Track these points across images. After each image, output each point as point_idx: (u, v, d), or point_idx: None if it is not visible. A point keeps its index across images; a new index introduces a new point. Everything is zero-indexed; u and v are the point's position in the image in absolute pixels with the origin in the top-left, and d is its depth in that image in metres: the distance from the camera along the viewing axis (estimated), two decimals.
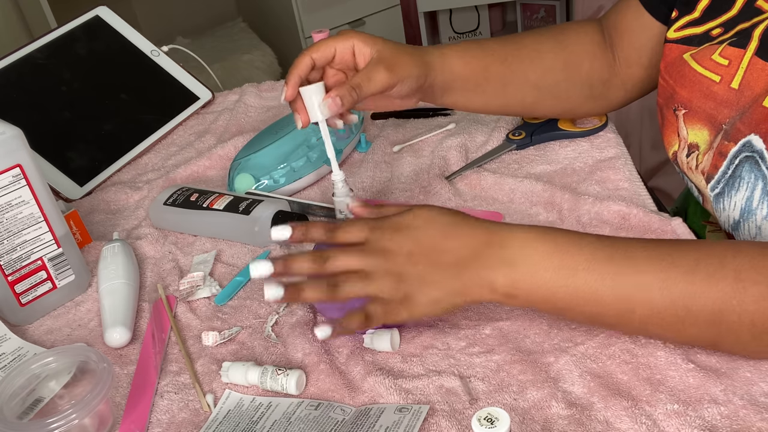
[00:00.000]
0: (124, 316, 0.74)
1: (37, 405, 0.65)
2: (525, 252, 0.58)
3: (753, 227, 0.65)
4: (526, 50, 0.84)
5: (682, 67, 0.71)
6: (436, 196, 0.87)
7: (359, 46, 0.74)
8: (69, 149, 1.08)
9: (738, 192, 0.66)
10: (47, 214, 0.77)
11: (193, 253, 0.86)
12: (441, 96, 0.82)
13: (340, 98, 0.70)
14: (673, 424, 0.54)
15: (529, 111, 0.89)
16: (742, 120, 0.64)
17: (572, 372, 0.59)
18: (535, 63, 0.83)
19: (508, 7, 3.11)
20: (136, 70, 1.20)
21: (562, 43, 0.85)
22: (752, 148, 0.64)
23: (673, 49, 0.73)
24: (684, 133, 0.72)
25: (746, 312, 0.53)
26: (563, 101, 0.86)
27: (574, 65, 0.84)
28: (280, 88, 1.25)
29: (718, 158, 0.67)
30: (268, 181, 0.91)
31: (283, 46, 2.83)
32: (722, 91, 0.67)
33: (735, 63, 0.66)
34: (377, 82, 0.72)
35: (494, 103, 0.85)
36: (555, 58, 0.84)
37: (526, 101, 0.85)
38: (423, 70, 0.77)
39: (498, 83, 0.82)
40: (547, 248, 0.58)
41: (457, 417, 0.57)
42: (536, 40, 0.85)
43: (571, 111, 0.89)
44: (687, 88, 0.71)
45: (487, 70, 0.82)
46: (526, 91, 0.84)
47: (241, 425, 0.61)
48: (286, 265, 0.62)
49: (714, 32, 0.70)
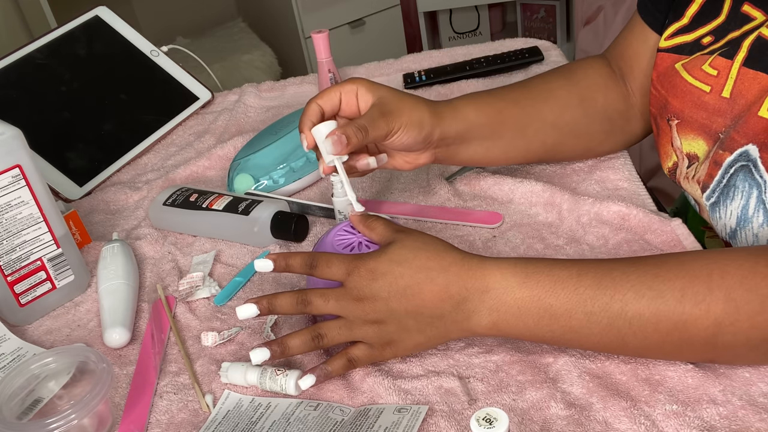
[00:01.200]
0: (124, 316, 0.74)
1: (37, 405, 0.65)
2: (507, 300, 0.58)
3: (750, 235, 0.65)
4: (536, 90, 0.81)
5: (673, 78, 0.71)
6: (436, 196, 0.87)
7: (362, 92, 0.72)
8: (68, 149, 1.08)
9: (733, 201, 0.66)
10: (47, 214, 0.77)
11: (192, 253, 0.86)
12: (458, 150, 0.78)
13: (345, 137, 0.67)
14: (672, 424, 0.54)
15: (552, 154, 0.84)
16: (736, 129, 0.64)
17: (571, 372, 0.59)
18: (549, 102, 0.80)
19: (508, 7, 3.11)
20: (135, 70, 1.20)
21: (572, 80, 0.83)
22: (748, 157, 0.63)
23: (665, 58, 0.72)
24: (678, 144, 0.72)
25: (741, 330, 0.53)
26: (585, 139, 0.83)
27: (589, 99, 0.81)
28: (281, 88, 1.25)
29: (713, 167, 0.67)
30: (267, 181, 0.91)
31: (283, 46, 2.83)
32: (713, 101, 0.67)
33: (724, 73, 0.66)
34: (379, 128, 0.69)
35: (515, 149, 0.80)
36: (568, 94, 0.81)
37: (547, 143, 0.81)
38: (429, 119, 0.73)
39: (515, 127, 0.79)
40: (531, 294, 0.57)
41: (456, 417, 0.58)
42: (545, 80, 0.83)
43: (593, 150, 0.85)
44: (679, 98, 0.70)
45: (502, 113, 0.78)
46: (546, 131, 0.81)
47: (240, 426, 0.61)
48: (271, 306, 0.63)
49: (704, 41, 0.69)
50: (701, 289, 0.54)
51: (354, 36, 2.73)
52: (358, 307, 0.60)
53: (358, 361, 0.62)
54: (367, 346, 0.62)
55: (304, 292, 0.62)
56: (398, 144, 0.72)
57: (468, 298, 0.58)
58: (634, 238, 0.74)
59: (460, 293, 0.58)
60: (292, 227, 0.82)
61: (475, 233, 0.80)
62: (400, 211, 0.85)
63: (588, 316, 0.56)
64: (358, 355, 0.62)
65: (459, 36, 3.07)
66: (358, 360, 0.62)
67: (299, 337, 0.62)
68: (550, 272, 0.58)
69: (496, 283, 0.58)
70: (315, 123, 0.70)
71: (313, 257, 0.63)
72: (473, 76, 1.14)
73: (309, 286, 0.70)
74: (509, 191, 0.84)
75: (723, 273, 0.54)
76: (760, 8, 0.65)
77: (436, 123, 0.74)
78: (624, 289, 0.55)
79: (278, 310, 0.63)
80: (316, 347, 0.62)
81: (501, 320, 0.58)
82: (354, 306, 0.60)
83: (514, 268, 0.58)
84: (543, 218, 0.80)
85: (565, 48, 2.82)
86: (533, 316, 0.57)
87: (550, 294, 0.57)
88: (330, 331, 0.61)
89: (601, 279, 0.56)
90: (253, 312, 0.63)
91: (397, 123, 0.70)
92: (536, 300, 0.57)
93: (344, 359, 0.62)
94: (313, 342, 0.62)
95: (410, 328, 0.60)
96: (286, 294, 0.62)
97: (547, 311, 0.57)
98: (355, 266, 0.60)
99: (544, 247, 0.76)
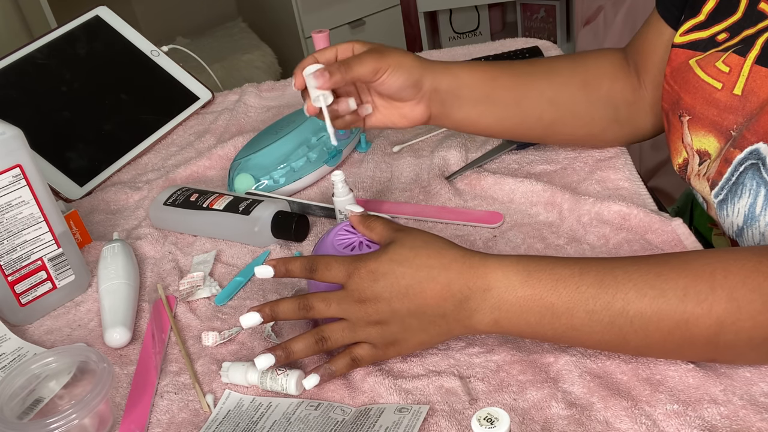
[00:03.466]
0: (124, 316, 0.74)
1: (37, 405, 0.65)
2: (509, 299, 0.58)
3: (757, 234, 0.65)
4: (539, 66, 0.82)
5: (686, 73, 0.71)
6: (436, 196, 0.87)
7: (357, 47, 0.76)
8: (69, 149, 1.08)
9: (741, 199, 0.66)
10: (47, 214, 0.77)
11: (193, 253, 0.86)
12: (451, 108, 0.79)
13: (328, 71, 0.71)
14: (673, 424, 0.54)
15: (551, 132, 0.83)
16: (749, 128, 0.64)
17: (572, 372, 0.59)
18: (549, 77, 0.81)
19: (508, 7, 3.11)
20: (136, 70, 1.20)
21: (579, 63, 0.83)
22: (758, 155, 0.63)
23: (679, 54, 0.72)
24: (688, 140, 0.72)
25: (743, 329, 0.53)
26: (586, 123, 0.83)
27: (592, 84, 0.81)
28: (282, 88, 1.25)
29: (723, 165, 0.67)
30: (268, 181, 0.91)
31: (283, 46, 2.83)
32: (725, 98, 0.67)
33: (735, 70, 0.66)
34: (366, 64, 0.73)
35: (510, 119, 0.81)
36: (571, 74, 0.81)
37: (544, 118, 0.81)
38: (418, 67, 0.76)
39: (509, 96, 0.80)
40: (533, 292, 0.57)
41: (457, 417, 0.57)
42: (550, 60, 0.83)
43: (596, 136, 0.85)
44: (691, 95, 0.70)
45: (496, 80, 0.79)
46: (543, 106, 0.81)
47: (240, 425, 0.61)
48: (273, 313, 0.63)
49: (719, 37, 0.69)
50: (703, 288, 0.54)
51: (354, 36, 2.73)
52: (361, 309, 0.60)
53: (362, 361, 0.62)
54: (370, 346, 0.62)
55: (305, 297, 0.62)
56: (387, 87, 0.75)
57: (470, 296, 0.58)
58: (635, 238, 0.74)
59: (462, 291, 0.58)
60: (293, 227, 0.82)
61: (475, 233, 0.80)
62: (401, 211, 0.85)
63: (590, 314, 0.56)
64: (362, 355, 0.62)
65: (459, 36, 3.07)
66: (361, 359, 0.62)
67: (303, 341, 0.62)
68: (551, 270, 0.58)
69: (498, 282, 0.58)
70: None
71: (312, 261, 0.63)
72: None
73: (310, 289, 0.70)
74: (510, 191, 0.84)
75: (725, 272, 0.54)
76: None
77: (427, 73, 0.77)
78: (626, 288, 0.55)
79: (280, 316, 0.63)
80: (319, 350, 0.62)
81: (503, 318, 0.58)
82: (356, 308, 0.60)
83: (515, 266, 0.58)
84: (543, 218, 0.80)
85: (565, 48, 2.81)
86: (535, 315, 0.57)
87: (552, 292, 0.57)
88: (333, 334, 0.61)
89: (603, 277, 0.56)
90: (257, 320, 0.63)
91: (384, 63, 0.74)
92: (538, 298, 0.57)
93: (348, 359, 0.62)
94: (317, 345, 0.62)
95: (413, 328, 0.60)
96: (288, 300, 0.62)
97: (549, 309, 0.57)
98: (356, 268, 0.60)
99: (544, 246, 0.76)
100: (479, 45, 1.25)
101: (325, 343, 0.61)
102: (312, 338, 0.62)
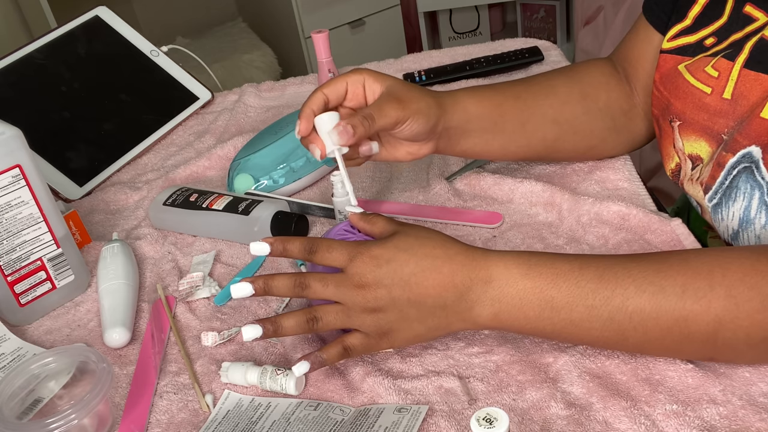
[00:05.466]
0: (124, 316, 0.74)
1: (37, 405, 0.65)
2: (509, 291, 0.58)
3: (752, 236, 0.65)
4: (537, 86, 0.81)
5: (676, 79, 0.71)
6: (436, 196, 0.87)
7: (369, 82, 0.72)
8: (69, 149, 1.08)
9: (735, 202, 0.66)
10: (47, 214, 0.77)
11: (192, 253, 0.86)
12: (458, 141, 0.78)
13: (351, 127, 0.67)
14: (672, 424, 0.54)
15: (553, 150, 0.83)
16: (740, 131, 0.64)
17: (571, 372, 0.59)
18: (550, 97, 0.80)
19: (508, 7, 3.11)
20: (135, 70, 1.20)
21: (574, 77, 0.83)
22: (751, 158, 0.63)
23: (668, 59, 0.72)
24: (680, 145, 0.72)
25: (741, 327, 0.53)
26: (586, 136, 0.83)
27: (591, 96, 0.81)
28: (281, 88, 1.25)
29: (716, 169, 0.67)
30: (267, 181, 0.91)
31: (283, 46, 2.83)
32: (715, 102, 0.67)
33: (724, 75, 0.66)
34: (388, 116, 0.69)
35: (514, 143, 0.80)
36: (570, 91, 0.81)
37: (547, 138, 0.81)
38: (435, 109, 0.73)
39: (515, 121, 0.79)
40: (533, 285, 0.57)
41: (456, 417, 0.58)
42: (546, 77, 0.83)
43: (595, 147, 0.85)
44: (681, 100, 0.70)
45: (502, 106, 0.78)
46: (546, 127, 0.81)
47: (240, 425, 0.61)
48: (267, 287, 0.61)
49: (707, 42, 0.69)
50: (702, 286, 0.54)
51: (354, 36, 2.74)
52: (359, 294, 0.59)
53: (354, 350, 0.61)
54: (363, 335, 0.61)
55: (302, 274, 0.61)
56: (407, 133, 0.72)
57: (471, 288, 0.58)
58: (634, 238, 0.74)
59: (465, 283, 0.58)
60: (292, 227, 0.82)
61: (475, 233, 0.80)
62: (400, 210, 0.85)
63: (589, 309, 0.56)
64: (354, 344, 0.61)
65: (459, 36, 3.07)
66: (353, 349, 0.61)
67: (293, 318, 0.60)
68: (552, 265, 0.58)
69: (499, 274, 0.58)
70: (317, 112, 0.70)
71: (313, 242, 0.61)
72: (473, 76, 1.14)
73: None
74: (509, 191, 0.84)
75: (724, 270, 0.54)
76: (762, 9, 0.65)
77: (441, 114, 0.74)
78: (625, 284, 0.55)
79: (274, 291, 0.61)
80: (309, 330, 0.60)
81: (502, 311, 0.58)
82: (354, 293, 0.59)
83: (517, 260, 0.59)
84: (543, 218, 0.80)
85: (565, 48, 2.82)
86: (534, 308, 0.57)
87: (552, 286, 0.57)
88: (326, 315, 0.60)
89: (603, 273, 0.56)
90: (248, 291, 0.61)
91: (407, 111, 0.70)
92: (538, 291, 0.57)
93: (339, 347, 0.61)
94: (308, 324, 0.60)
95: (410, 318, 0.59)
96: (284, 275, 0.61)
97: (549, 303, 0.57)
98: (359, 252, 0.60)
99: (544, 247, 0.76)
100: (479, 45, 1.25)
101: (316, 323, 0.60)
102: (303, 316, 0.60)
